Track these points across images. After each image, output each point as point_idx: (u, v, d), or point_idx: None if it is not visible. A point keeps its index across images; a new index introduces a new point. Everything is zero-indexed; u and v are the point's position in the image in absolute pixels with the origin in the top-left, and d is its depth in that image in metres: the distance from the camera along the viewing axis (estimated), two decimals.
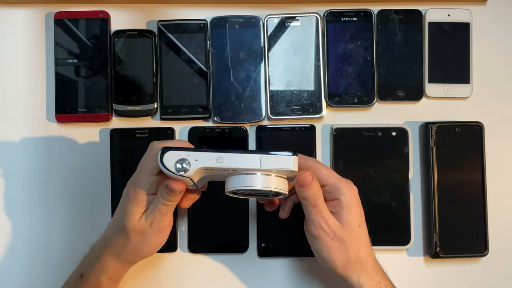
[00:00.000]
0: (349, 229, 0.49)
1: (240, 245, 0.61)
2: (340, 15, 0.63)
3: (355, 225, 0.49)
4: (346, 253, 0.49)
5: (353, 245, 0.49)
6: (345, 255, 0.49)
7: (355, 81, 0.63)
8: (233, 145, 0.61)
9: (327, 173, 0.50)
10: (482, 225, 0.61)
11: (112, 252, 0.52)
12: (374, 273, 0.50)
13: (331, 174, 0.50)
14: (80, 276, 0.53)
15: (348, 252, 0.49)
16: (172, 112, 0.62)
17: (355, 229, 0.49)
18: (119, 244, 0.51)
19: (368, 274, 0.50)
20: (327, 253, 0.49)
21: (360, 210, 0.51)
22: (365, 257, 0.50)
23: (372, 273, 0.50)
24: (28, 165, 0.62)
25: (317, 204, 0.48)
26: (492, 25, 0.65)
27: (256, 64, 0.62)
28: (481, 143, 0.61)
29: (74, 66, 0.62)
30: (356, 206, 0.50)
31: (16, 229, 0.62)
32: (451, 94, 0.63)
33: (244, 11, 0.64)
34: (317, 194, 0.48)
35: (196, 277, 0.61)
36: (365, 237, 0.51)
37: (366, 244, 0.51)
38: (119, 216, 0.51)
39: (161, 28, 0.63)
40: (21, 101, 0.63)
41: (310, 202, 0.48)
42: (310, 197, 0.48)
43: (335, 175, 0.51)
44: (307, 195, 0.48)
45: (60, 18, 0.62)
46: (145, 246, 0.51)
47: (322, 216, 0.49)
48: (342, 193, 0.49)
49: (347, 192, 0.50)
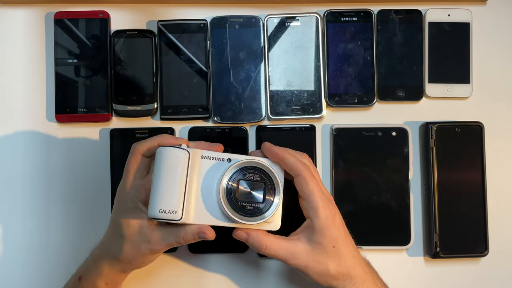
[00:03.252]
0: (321, 250, 0.48)
1: (240, 245, 0.61)
2: (340, 15, 0.63)
3: (328, 246, 0.48)
4: (324, 272, 0.49)
5: (330, 262, 0.49)
6: (323, 273, 0.49)
7: (355, 81, 0.63)
8: (233, 145, 0.61)
9: (311, 189, 0.48)
10: (482, 225, 0.61)
11: (107, 258, 0.51)
12: (361, 282, 0.50)
13: (314, 191, 0.49)
14: (78, 279, 0.53)
15: (327, 270, 0.49)
16: (172, 112, 0.62)
17: (329, 249, 0.48)
18: (113, 251, 0.51)
19: (355, 284, 0.49)
20: (307, 276, 0.50)
21: (337, 230, 0.49)
22: (348, 270, 0.49)
23: (358, 282, 0.49)
24: (28, 165, 0.62)
25: (268, 253, 0.49)
26: (492, 25, 0.65)
27: (256, 64, 0.62)
28: (481, 143, 0.61)
29: (74, 66, 0.62)
30: (330, 229, 0.48)
31: (16, 229, 0.62)
32: (451, 94, 0.63)
33: (244, 11, 0.64)
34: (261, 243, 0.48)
35: (196, 277, 0.61)
36: (344, 253, 0.49)
37: (348, 258, 0.49)
38: (115, 222, 0.51)
39: (161, 28, 0.63)
40: (21, 101, 0.63)
41: (260, 251, 0.49)
42: (257, 249, 0.49)
43: (318, 192, 0.49)
44: (253, 248, 0.49)
45: (60, 18, 0.62)
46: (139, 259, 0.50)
47: (282, 257, 0.49)
48: (317, 216, 0.48)
49: (323, 214, 0.48)
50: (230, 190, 0.48)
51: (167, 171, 0.47)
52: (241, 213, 0.48)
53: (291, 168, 0.49)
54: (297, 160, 0.49)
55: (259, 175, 0.49)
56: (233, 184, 0.48)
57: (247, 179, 0.49)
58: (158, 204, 0.47)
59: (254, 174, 0.49)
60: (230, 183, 0.48)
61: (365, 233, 0.60)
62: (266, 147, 0.51)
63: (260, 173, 0.49)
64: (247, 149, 0.62)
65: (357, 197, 0.61)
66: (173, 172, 0.47)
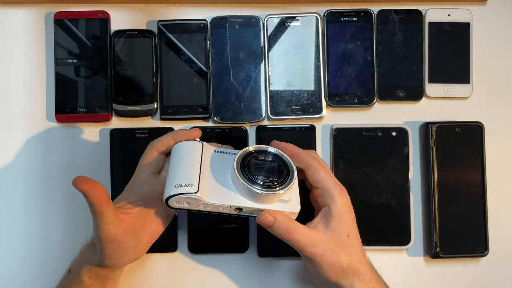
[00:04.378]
0: (337, 239, 0.49)
1: (240, 245, 0.61)
2: (340, 15, 0.63)
3: (343, 234, 0.49)
4: (337, 264, 0.48)
5: (343, 254, 0.49)
6: (336, 265, 0.49)
7: (355, 81, 0.63)
8: (233, 145, 0.61)
9: (324, 176, 0.49)
10: (482, 225, 0.61)
11: (90, 250, 0.52)
12: (369, 279, 0.50)
13: (327, 177, 0.49)
14: (68, 271, 0.53)
15: (339, 262, 0.48)
16: (172, 112, 0.62)
17: (344, 239, 0.49)
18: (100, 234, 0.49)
19: (362, 280, 0.49)
20: (320, 267, 0.49)
21: (351, 219, 0.50)
22: (357, 264, 0.49)
23: (366, 279, 0.49)
24: (28, 165, 0.62)
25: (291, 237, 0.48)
26: (492, 25, 0.65)
27: (256, 64, 0.62)
28: (481, 143, 0.61)
29: (74, 66, 0.62)
30: (347, 216, 0.49)
31: (16, 228, 0.62)
32: (451, 94, 0.63)
33: (244, 11, 0.64)
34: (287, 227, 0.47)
35: (196, 277, 0.61)
36: (356, 245, 0.50)
37: (358, 252, 0.50)
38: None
39: (161, 28, 0.63)
40: (21, 101, 0.63)
41: (283, 237, 0.48)
42: (281, 234, 0.48)
43: (332, 179, 0.50)
44: (277, 233, 0.48)
45: (60, 18, 0.62)
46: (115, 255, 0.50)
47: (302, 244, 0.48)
48: (334, 201, 0.49)
49: (339, 200, 0.49)
50: (245, 165, 0.48)
51: (183, 157, 0.48)
52: (256, 185, 0.46)
53: (301, 160, 0.50)
54: (306, 153, 0.50)
55: (271, 157, 0.49)
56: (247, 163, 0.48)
57: (260, 159, 0.49)
58: (175, 181, 0.46)
59: (266, 156, 0.49)
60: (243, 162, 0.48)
61: (365, 233, 0.60)
62: (275, 144, 0.52)
63: (272, 155, 0.49)
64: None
65: (357, 197, 0.61)
66: (188, 157, 0.48)
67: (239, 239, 0.61)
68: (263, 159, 0.49)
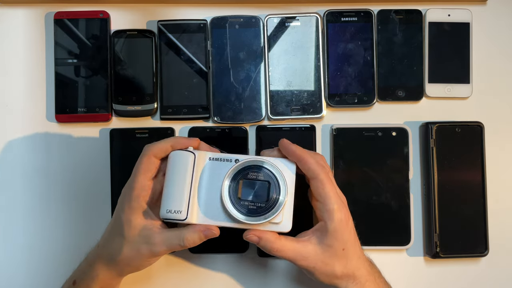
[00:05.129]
0: (331, 253, 0.49)
1: (240, 245, 0.61)
2: (340, 15, 0.63)
3: (338, 249, 0.49)
4: (330, 273, 0.49)
5: (337, 265, 0.49)
6: (329, 274, 0.49)
7: (355, 81, 0.63)
8: (233, 145, 0.61)
9: (328, 192, 0.48)
10: (482, 225, 0.61)
11: (103, 262, 0.51)
12: (364, 282, 0.50)
13: (330, 194, 0.48)
14: (73, 283, 0.52)
15: (332, 271, 0.49)
16: (172, 112, 0.62)
17: (339, 252, 0.49)
18: (112, 253, 0.50)
19: (357, 284, 0.49)
20: (312, 276, 0.50)
21: (348, 233, 0.49)
22: (352, 271, 0.49)
23: (361, 282, 0.50)
24: (28, 165, 0.62)
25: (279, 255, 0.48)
26: (492, 25, 0.65)
27: (256, 64, 0.62)
28: (481, 143, 0.61)
29: (74, 66, 0.62)
30: (343, 231, 0.49)
31: (16, 229, 0.62)
32: (451, 94, 0.63)
33: (244, 11, 0.64)
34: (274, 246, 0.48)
35: (196, 277, 0.61)
36: (351, 255, 0.49)
37: (354, 260, 0.50)
38: (117, 221, 0.50)
39: (161, 28, 0.63)
40: (21, 101, 0.63)
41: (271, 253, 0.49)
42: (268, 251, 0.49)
43: (334, 194, 0.49)
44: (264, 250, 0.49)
45: (60, 18, 0.62)
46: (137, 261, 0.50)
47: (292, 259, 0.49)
48: (332, 218, 0.48)
49: (337, 216, 0.48)
50: (233, 189, 0.48)
51: (174, 173, 0.49)
52: (243, 212, 0.48)
53: (308, 170, 0.49)
54: (315, 162, 0.49)
55: (263, 174, 0.49)
56: (236, 183, 0.48)
57: (250, 178, 0.49)
58: (166, 204, 0.48)
59: (258, 173, 0.49)
60: (232, 182, 0.48)
61: (365, 233, 0.60)
62: (284, 144, 0.50)
63: (264, 172, 0.49)
64: (247, 149, 0.62)
65: (357, 197, 0.61)
66: (179, 174, 0.49)
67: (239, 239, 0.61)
68: (254, 177, 0.49)
